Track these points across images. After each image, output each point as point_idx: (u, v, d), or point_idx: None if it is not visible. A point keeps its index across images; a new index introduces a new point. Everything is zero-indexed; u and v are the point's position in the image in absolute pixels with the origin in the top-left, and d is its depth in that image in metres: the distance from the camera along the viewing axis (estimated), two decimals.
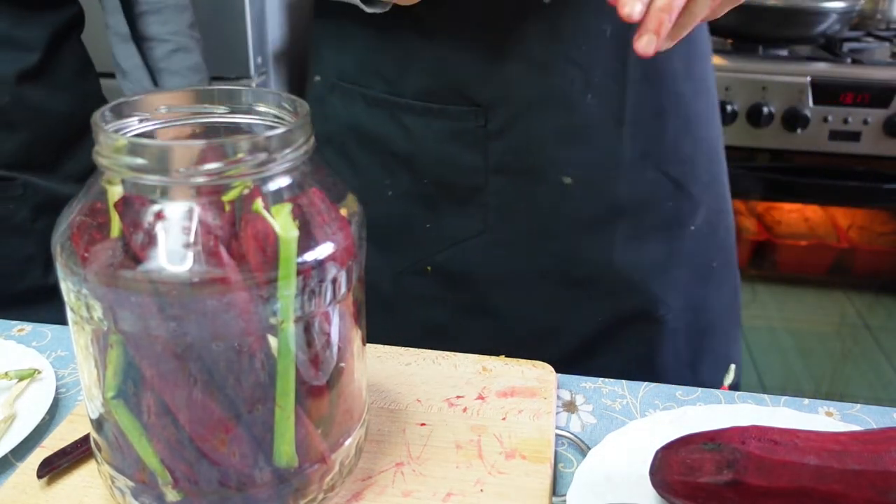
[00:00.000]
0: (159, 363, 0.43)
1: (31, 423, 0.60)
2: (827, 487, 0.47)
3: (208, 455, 0.45)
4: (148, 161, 0.41)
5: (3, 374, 0.64)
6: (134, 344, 0.43)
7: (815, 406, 0.65)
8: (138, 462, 0.47)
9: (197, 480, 0.46)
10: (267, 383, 0.45)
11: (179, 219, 0.42)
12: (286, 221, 0.42)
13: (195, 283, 0.41)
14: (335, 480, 0.51)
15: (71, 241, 0.43)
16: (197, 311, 0.41)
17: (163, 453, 0.45)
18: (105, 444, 0.49)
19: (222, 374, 0.44)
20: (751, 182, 1.71)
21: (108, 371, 0.44)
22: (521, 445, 0.57)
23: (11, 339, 0.73)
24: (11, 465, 0.58)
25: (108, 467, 0.49)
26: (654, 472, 0.52)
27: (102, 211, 0.44)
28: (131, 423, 0.45)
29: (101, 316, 0.43)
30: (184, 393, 0.44)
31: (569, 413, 0.65)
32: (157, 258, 0.41)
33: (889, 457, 0.47)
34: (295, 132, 0.44)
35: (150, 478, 0.47)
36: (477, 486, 0.53)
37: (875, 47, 1.82)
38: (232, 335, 0.43)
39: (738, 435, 0.50)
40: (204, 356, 0.43)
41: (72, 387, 0.67)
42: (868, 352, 2.36)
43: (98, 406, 0.47)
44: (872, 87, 1.61)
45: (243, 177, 0.42)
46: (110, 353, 0.44)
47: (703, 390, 0.67)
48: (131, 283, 0.41)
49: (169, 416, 0.45)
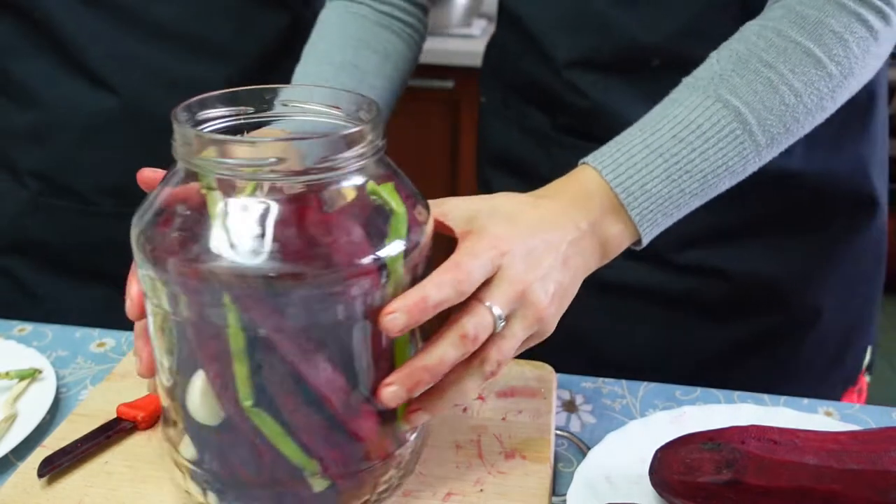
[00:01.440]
0: (303, 354, 0.44)
1: (31, 423, 0.60)
2: (826, 487, 0.47)
3: (357, 433, 0.47)
4: (236, 158, 0.43)
5: (4, 373, 0.64)
6: (267, 344, 0.44)
7: (815, 406, 0.66)
8: (276, 462, 0.47)
9: (345, 461, 0.48)
10: (391, 358, 0.47)
11: (277, 214, 0.43)
12: (395, 197, 0.46)
13: (337, 272, 0.43)
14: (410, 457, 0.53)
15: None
16: (337, 297, 0.43)
17: (310, 444, 0.46)
18: (216, 454, 0.48)
19: (357, 354, 0.46)
20: None
21: (237, 381, 0.45)
22: (521, 445, 0.57)
23: (12, 338, 0.73)
24: (12, 465, 0.58)
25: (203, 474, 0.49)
26: (653, 472, 0.52)
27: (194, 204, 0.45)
28: (273, 426, 0.45)
29: (244, 324, 0.43)
30: (330, 377, 0.45)
31: (569, 413, 0.65)
32: (305, 254, 0.43)
33: (888, 457, 0.47)
34: (369, 131, 0.45)
35: (291, 473, 0.47)
36: (477, 486, 0.53)
37: None
38: (358, 315, 0.44)
39: (738, 435, 0.50)
40: (343, 338, 0.45)
41: (72, 387, 0.67)
42: None
43: (230, 415, 0.46)
44: None
45: (328, 172, 0.44)
46: (236, 366, 0.44)
47: (703, 390, 0.67)
48: (278, 283, 0.42)
49: (313, 406, 0.45)
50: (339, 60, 0.74)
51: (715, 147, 0.55)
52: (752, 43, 0.58)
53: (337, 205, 0.45)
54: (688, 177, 0.55)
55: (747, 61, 0.57)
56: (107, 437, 0.56)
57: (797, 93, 0.56)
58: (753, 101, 0.56)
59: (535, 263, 0.49)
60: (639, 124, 0.58)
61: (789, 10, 0.58)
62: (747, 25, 0.60)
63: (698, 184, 0.56)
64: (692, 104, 0.56)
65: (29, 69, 0.86)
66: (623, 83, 0.74)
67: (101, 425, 0.58)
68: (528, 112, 0.83)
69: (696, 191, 0.56)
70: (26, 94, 0.86)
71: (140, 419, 0.58)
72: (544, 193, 0.55)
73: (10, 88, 0.87)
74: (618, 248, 0.56)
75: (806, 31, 0.57)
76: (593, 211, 0.54)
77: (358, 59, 0.75)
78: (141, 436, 0.58)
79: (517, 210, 0.52)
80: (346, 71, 0.74)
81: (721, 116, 0.55)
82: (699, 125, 0.55)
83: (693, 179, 0.55)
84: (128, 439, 0.58)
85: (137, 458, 0.56)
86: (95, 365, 0.70)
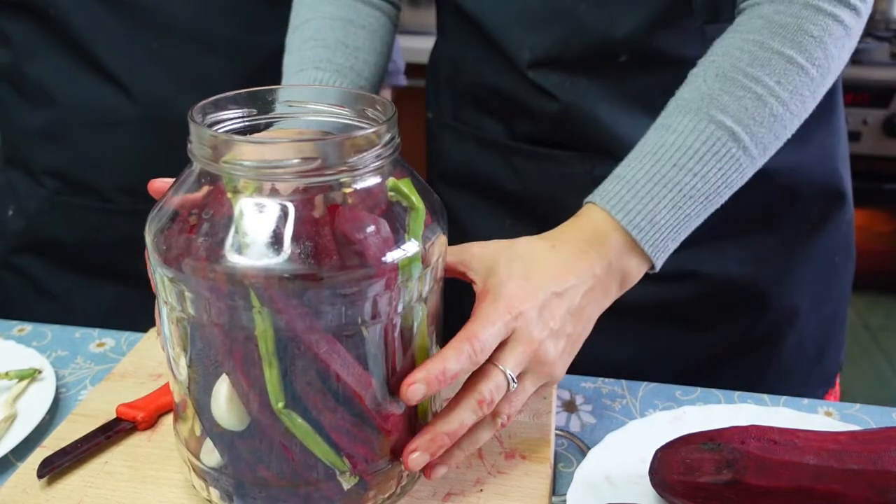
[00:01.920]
0: (335, 353, 0.45)
1: (31, 423, 0.60)
2: (826, 487, 0.47)
3: (385, 428, 0.48)
4: (255, 158, 0.43)
5: (4, 373, 0.64)
6: (298, 345, 0.44)
7: (815, 406, 0.66)
8: (306, 462, 0.47)
9: (374, 457, 0.49)
10: (413, 353, 0.49)
11: (294, 215, 0.43)
12: (414, 193, 0.47)
13: (368, 269, 0.43)
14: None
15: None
16: (367, 294, 0.44)
17: (340, 442, 0.47)
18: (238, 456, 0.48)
19: (387, 349, 0.47)
20: None
21: (268, 385, 0.45)
22: (521, 445, 0.57)
23: (11, 338, 0.73)
24: (12, 465, 0.58)
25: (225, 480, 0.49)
26: (653, 472, 0.52)
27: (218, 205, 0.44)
28: (304, 427, 0.46)
29: (274, 326, 0.43)
30: (359, 373, 0.46)
31: (568, 413, 0.65)
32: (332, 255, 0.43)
33: (888, 456, 0.47)
34: (387, 130, 0.46)
35: (322, 473, 0.47)
36: (477, 486, 0.53)
37: (874, 48, 1.82)
38: (387, 310, 0.46)
39: (738, 435, 0.50)
40: (372, 334, 0.46)
41: (72, 387, 0.67)
42: (867, 352, 2.37)
43: (264, 418, 0.47)
44: (872, 88, 1.61)
45: (345, 172, 0.44)
46: (266, 369, 0.44)
47: (703, 390, 0.67)
48: (309, 284, 0.42)
49: (342, 404, 0.46)
50: (332, 41, 0.74)
51: (714, 168, 0.56)
52: (736, 58, 0.58)
53: (362, 203, 0.45)
54: (692, 202, 0.56)
55: (734, 78, 0.57)
56: (106, 438, 0.56)
57: (784, 102, 0.57)
58: (745, 118, 0.57)
59: (548, 319, 0.52)
60: (636, 154, 0.58)
61: (768, 21, 0.59)
62: (727, 38, 0.61)
63: (702, 206, 0.57)
64: (687, 129, 0.57)
65: (44, 68, 0.86)
66: (590, 81, 0.73)
67: (100, 425, 0.58)
68: (484, 123, 0.81)
69: (701, 212, 0.58)
70: (41, 92, 0.87)
71: (140, 419, 0.58)
72: (559, 236, 0.57)
73: (25, 88, 0.88)
74: (636, 279, 0.58)
75: (787, 40, 0.58)
76: (608, 252, 0.55)
77: (348, 37, 0.75)
78: (141, 436, 0.58)
79: (536, 257, 0.54)
80: (340, 51, 0.74)
81: (717, 138, 0.56)
82: (696, 150, 0.56)
83: (697, 203, 0.57)
84: (127, 439, 0.58)
85: (137, 458, 0.56)
86: (95, 365, 0.70)
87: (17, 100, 0.88)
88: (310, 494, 0.48)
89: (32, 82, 0.87)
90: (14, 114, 0.90)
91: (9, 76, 0.88)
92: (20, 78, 0.87)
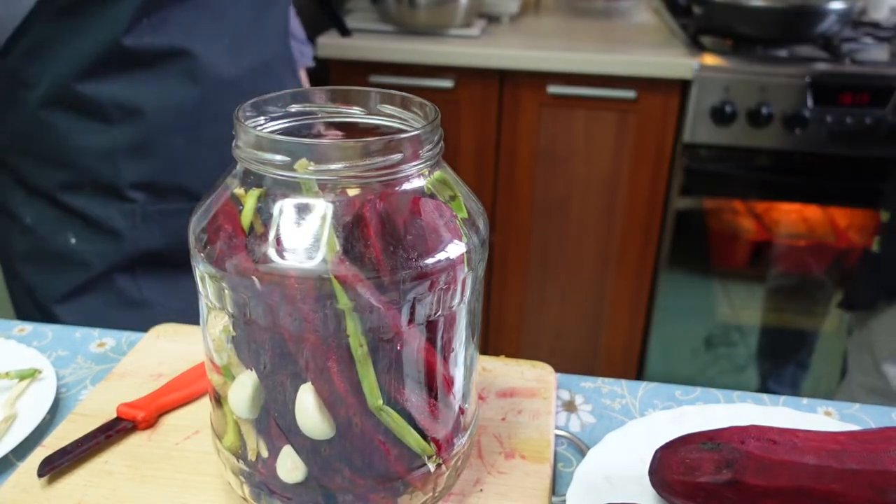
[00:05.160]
0: (423, 346, 0.46)
1: (31, 423, 0.60)
2: (826, 487, 0.47)
3: (459, 407, 0.50)
4: (291, 158, 0.43)
5: (4, 373, 0.64)
6: (391, 344, 0.45)
7: (814, 406, 0.66)
8: (399, 456, 0.48)
9: (451, 438, 0.50)
10: (466, 338, 0.50)
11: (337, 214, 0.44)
12: (455, 184, 0.48)
13: (442, 263, 0.44)
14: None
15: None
16: (444, 285, 0.45)
17: (427, 428, 0.48)
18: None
19: (463, 333, 0.49)
20: (750, 182, 1.71)
21: (365, 386, 0.45)
22: (521, 445, 0.57)
23: (12, 338, 0.73)
24: (12, 465, 0.58)
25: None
26: (653, 472, 0.52)
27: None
28: (398, 420, 0.46)
29: (365, 329, 0.43)
30: (436, 358, 0.47)
31: (568, 413, 0.65)
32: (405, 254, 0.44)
33: (887, 456, 0.47)
34: (430, 132, 0.46)
35: (412, 462, 0.48)
36: (477, 486, 0.53)
37: (874, 47, 1.82)
38: (458, 298, 0.47)
39: (738, 434, 0.50)
40: (455, 319, 0.47)
41: (72, 386, 0.67)
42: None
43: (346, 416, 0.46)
44: (871, 88, 1.61)
45: (385, 173, 0.44)
46: (361, 371, 0.44)
47: (703, 390, 0.67)
48: (390, 284, 0.43)
49: (424, 391, 0.47)
50: None
51: None
52: None
53: (416, 201, 0.46)
54: None
55: None
56: (107, 437, 0.57)
57: None
58: None
59: None
60: None
61: None
62: None
63: None
64: None
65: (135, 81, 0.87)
66: None
67: (100, 425, 0.58)
68: None
69: None
70: (123, 108, 0.86)
71: (140, 419, 0.58)
72: None
73: (105, 110, 0.86)
74: None
75: None
76: None
77: None
78: (141, 435, 0.58)
79: None
80: None
81: None
82: None
83: None
84: (128, 439, 0.58)
85: (137, 458, 0.56)
86: (95, 365, 0.70)
87: (98, 125, 0.87)
88: (396, 486, 0.49)
89: (105, 101, 0.85)
90: (79, 138, 0.87)
91: (73, 102, 0.86)
92: (97, 103, 0.85)
